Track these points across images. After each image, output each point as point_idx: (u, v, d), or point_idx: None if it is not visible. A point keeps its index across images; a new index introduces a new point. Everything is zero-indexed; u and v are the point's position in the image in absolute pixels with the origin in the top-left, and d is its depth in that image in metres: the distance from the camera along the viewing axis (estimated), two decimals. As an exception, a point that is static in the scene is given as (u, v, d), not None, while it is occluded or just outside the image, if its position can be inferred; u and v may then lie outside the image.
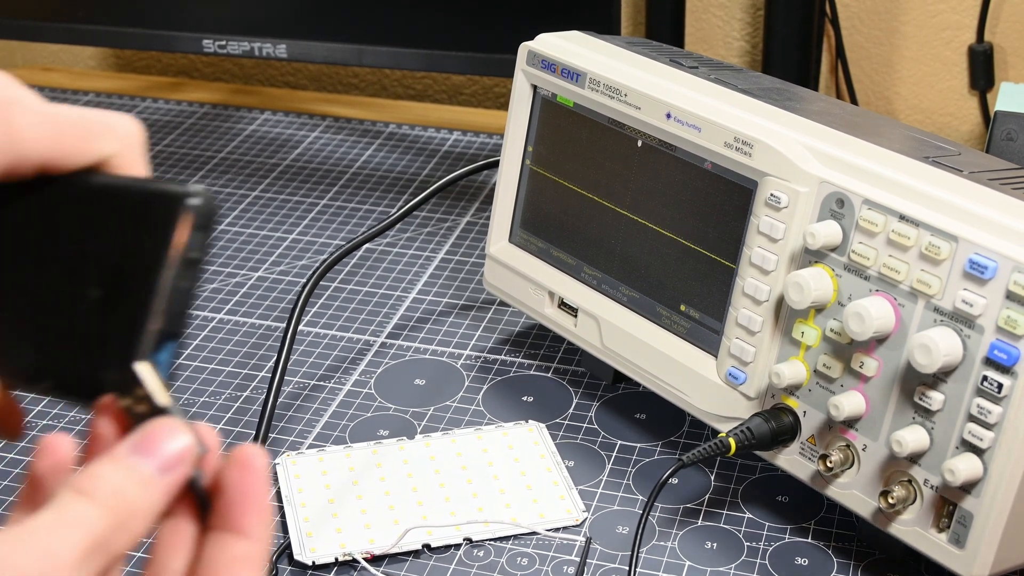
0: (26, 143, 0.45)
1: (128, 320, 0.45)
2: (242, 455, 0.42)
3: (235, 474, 0.41)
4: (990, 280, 0.63)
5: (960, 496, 0.66)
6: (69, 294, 0.46)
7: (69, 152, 0.45)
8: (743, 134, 0.73)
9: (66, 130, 0.45)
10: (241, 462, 0.42)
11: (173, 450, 0.40)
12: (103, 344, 0.45)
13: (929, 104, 1.29)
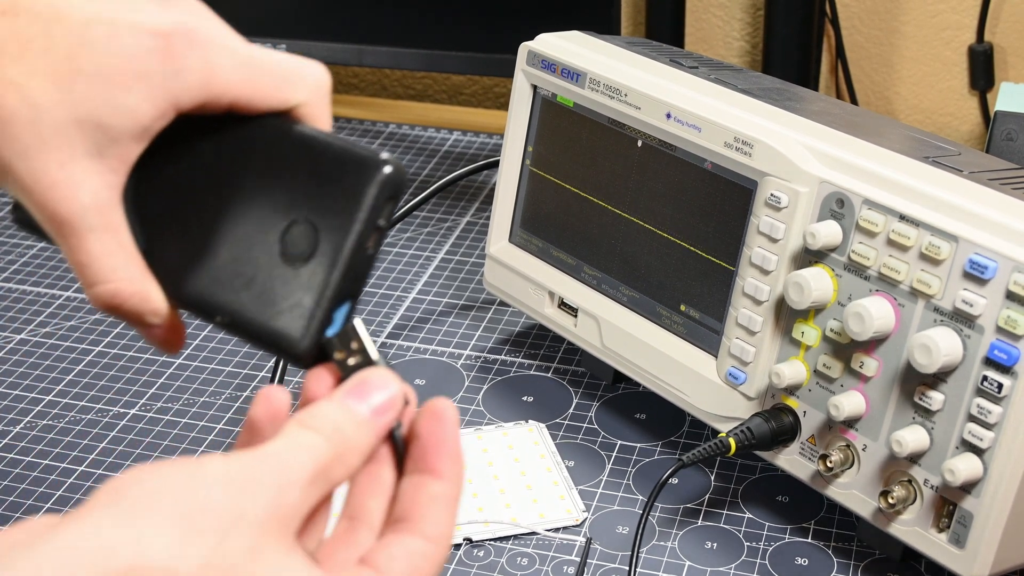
0: (222, 84, 0.47)
1: (314, 277, 0.46)
2: (435, 406, 0.45)
3: (429, 423, 0.44)
4: (990, 280, 0.63)
5: (960, 496, 0.66)
6: (253, 236, 0.47)
7: (261, 97, 0.47)
8: (743, 134, 0.73)
9: (261, 76, 0.47)
10: (434, 412, 0.44)
11: (384, 397, 0.44)
12: (285, 294, 0.46)
13: (929, 104, 1.29)
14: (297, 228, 0.47)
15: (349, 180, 0.46)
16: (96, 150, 0.46)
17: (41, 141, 0.45)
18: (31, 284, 1.04)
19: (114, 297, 0.47)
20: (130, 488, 0.39)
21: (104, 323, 0.98)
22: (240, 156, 0.48)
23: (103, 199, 0.46)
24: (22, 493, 0.80)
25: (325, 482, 0.42)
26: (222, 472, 0.40)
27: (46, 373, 0.92)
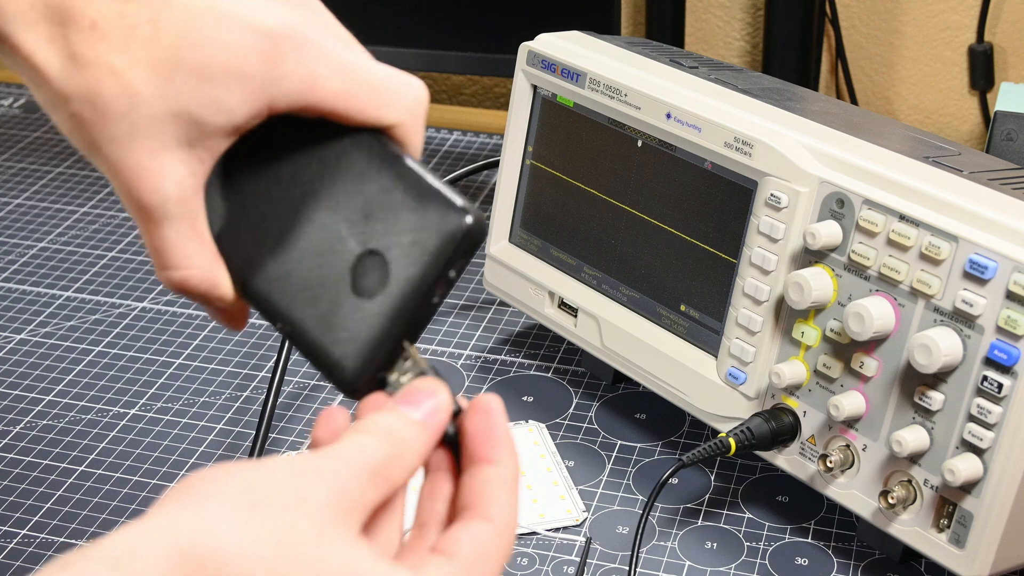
0: (320, 95, 0.47)
1: (378, 315, 0.46)
2: (480, 402, 0.46)
3: (476, 417, 0.46)
4: (990, 280, 0.63)
5: (960, 496, 0.66)
6: (326, 254, 0.47)
7: (357, 113, 0.47)
8: (743, 134, 0.73)
9: (360, 90, 0.47)
10: (480, 407, 0.46)
11: (433, 401, 0.45)
12: (346, 323, 0.46)
13: (929, 104, 1.29)
14: (370, 259, 0.47)
15: (430, 227, 0.46)
16: (186, 142, 0.46)
17: (134, 129, 0.46)
18: (31, 284, 1.04)
19: (184, 282, 0.48)
20: (194, 482, 0.40)
21: (104, 323, 0.98)
22: (328, 167, 0.48)
23: (186, 189, 0.47)
24: (22, 493, 0.80)
25: (384, 480, 0.43)
26: (284, 465, 0.41)
27: (46, 373, 0.92)
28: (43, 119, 1.35)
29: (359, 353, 0.46)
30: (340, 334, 0.46)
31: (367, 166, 0.48)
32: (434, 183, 0.47)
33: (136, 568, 0.37)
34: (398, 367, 0.46)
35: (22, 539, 0.76)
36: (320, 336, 0.47)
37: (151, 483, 0.81)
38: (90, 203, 1.17)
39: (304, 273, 0.48)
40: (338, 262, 0.47)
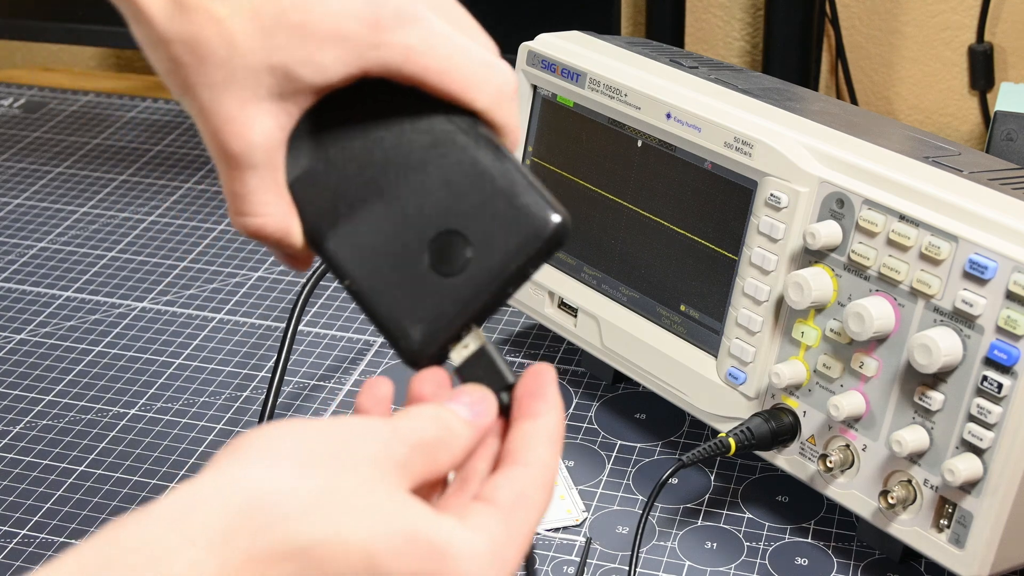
0: (415, 69, 0.48)
1: (454, 295, 0.47)
2: (533, 368, 0.47)
3: (527, 380, 0.47)
4: (990, 280, 0.63)
5: (960, 496, 0.66)
6: (407, 224, 0.48)
7: (447, 92, 0.48)
8: (743, 134, 0.73)
9: (454, 71, 0.48)
10: (532, 372, 0.47)
11: (482, 407, 0.46)
12: (421, 297, 0.47)
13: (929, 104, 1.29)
14: (452, 239, 0.47)
15: (520, 220, 0.47)
16: (278, 95, 0.47)
17: (230, 78, 0.47)
18: (31, 284, 1.04)
19: (259, 230, 0.49)
20: (245, 440, 0.42)
21: (104, 323, 0.98)
22: (419, 138, 0.49)
23: (272, 140, 0.48)
24: (22, 493, 0.80)
25: (429, 458, 0.44)
26: (335, 423, 0.43)
27: (46, 373, 0.92)
28: (43, 119, 1.35)
29: (429, 328, 0.47)
30: (412, 305, 0.47)
31: (462, 146, 0.48)
32: (529, 177, 0.47)
33: (195, 523, 0.39)
34: (461, 344, 0.47)
35: (22, 539, 0.76)
36: (390, 303, 0.48)
37: (151, 483, 0.81)
38: (90, 203, 1.17)
39: (380, 237, 0.48)
40: (418, 234, 0.48)
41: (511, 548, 0.44)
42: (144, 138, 1.30)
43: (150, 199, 1.18)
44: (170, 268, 1.06)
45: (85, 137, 1.30)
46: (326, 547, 0.40)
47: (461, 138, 0.49)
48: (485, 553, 0.43)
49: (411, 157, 0.49)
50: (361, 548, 0.40)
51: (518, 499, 0.44)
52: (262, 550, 0.39)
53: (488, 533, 0.43)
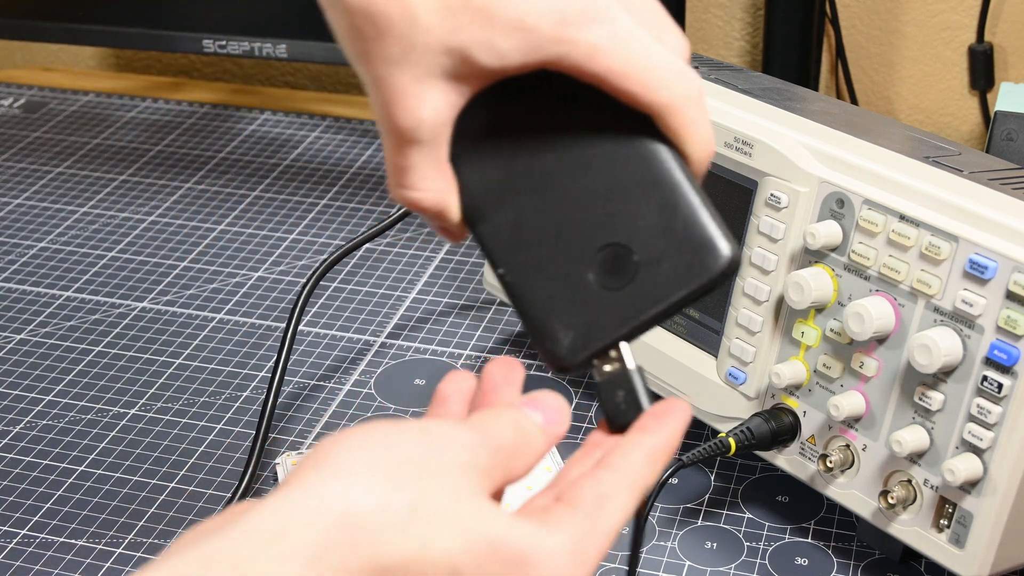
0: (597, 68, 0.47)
1: (614, 310, 0.46)
2: (671, 399, 0.47)
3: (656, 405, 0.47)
4: (990, 280, 0.63)
5: (960, 496, 0.66)
6: (573, 227, 0.47)
7: (625, 93, 0.48)
8: (743, 134, 0.73)
9: (630, 71, 0.47)
10: (668, 401, 0.47)
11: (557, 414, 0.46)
12: (578, 305, 0.47)
13: (929, 104, 1.29)
14: (620, 252, 0.47)
15: (694, 248, 0.46)
16: (452, 75, 0.48)
17: (408, 53, 0.47)
18: (31, 284, 1.04)
19: (416, 203, 0.50)
20: (330, 450, 0.42)
21: (104, 323, 0.98)
22: (602, 141, 0.48)
23: (441, 118, 0.48)
24: (22, 493, 0.80)
25: (507, 463, 0.44)
26: (419, 430, 0.43)
27: (46, 373, 0.92)
28: (43, 119, 1.35)
29: (583, 338, 0.47)
30: (566, 309, 0.47)
31: (645, 158, 0.47)
32: (707, 203, 0.46)
33: (290, 542, 0.39)
34: (608, 359, 0.47)
35: (22, 539, 0.76)
36: (543, 302, 0.47)
37: (151, 483, 0.81)
38: (90, 203, 1.17)
39: (543, 234, 0.48)
40: (585, 239, 0.47)
41: (591, 547, 0.43)
42: (144, 138, 1.30)
43: (150, 199, 1.17)
44: (170, 268, 1.06)
45: (85, 137, 1.30)
46: (414, 563, 0.40)
47: (644, 148, 0.48)
48: (564, 552, 0.43)
49: (589, 158, 0.48)
50: (446, 561, 0.41)
51: (600, 500, 0.44)
52: (354, 568, 0.39)
53: (567, 532, 0.43)
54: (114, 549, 0.76)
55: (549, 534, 0.43)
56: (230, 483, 0.81)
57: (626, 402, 0.47)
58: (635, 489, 0.45)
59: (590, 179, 0.48)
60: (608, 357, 0.47)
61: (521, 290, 0.48)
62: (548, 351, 0.47)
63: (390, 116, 0.48)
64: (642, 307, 0.46)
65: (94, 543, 0.76)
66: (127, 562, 0.74)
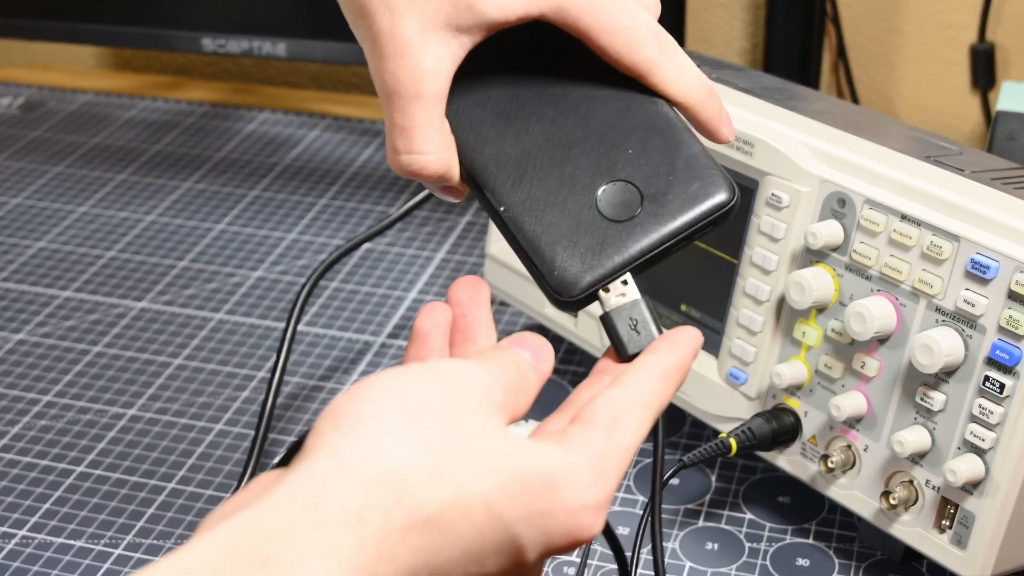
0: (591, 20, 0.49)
1: (619, 241, 0.47)
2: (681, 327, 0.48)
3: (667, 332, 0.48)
4: (992, 280, 0.63)
5: (962, 497, 0.65)
6: (574, 167, 0.48)
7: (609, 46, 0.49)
8: (744, 133, 0.73)
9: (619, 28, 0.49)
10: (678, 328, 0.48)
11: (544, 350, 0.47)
12: (581, 235, 0.47)
13: (930, 103, 1.29)
14: (623, 187, 0.48)
15: (697, 180, 0.48)
16: (456, 24, 0.48)
17: (413, 1, 0.48)
18: (30, 283, 1.03)
19: (421, 169, 0.49)
20: (347, 410, 0.42)
21: (102, 323, 0.98)
22: (595, 88, 0.50)
23: (443, 70, 0.49)
24: (21, 494, 0.80)
25: (514, 403, 0.45)
26: (429, 373, 0.43)
27: (45, 373, 0.92)
28: (42, 118, 1.34)
29: (590, 269, 0.47)
30: (570, 239, 0.47)
31: (642, 107, 0.49)
32: (705, 151, 0.48)
33: (328, 508, 0.39)
34: (614, 292, 0.48)
35: (21, 539, 0.76)
36: (549, 238, 0.48)
37: (150, 483, 0.81)
38: (89, 203, 1.16)
39: (546, 176, 0.48)
40: (589, 180, 0.48)
41: (610, 464, 0.44)
42: (143, 137, 1.30)
43: (149, 199, 1.17)
44: (169, 268, 1.06)
45: (84, 136, 1.30)
46: (450, 510, 0.40)
47: (640, 97, 0.49)
48: (585, 470, 0.43)
49: (586, 107, 0.49)
50: (481, 502, 0.41)
51: (615, 417, 0.44)
52: (395, 525, 0.39)
53: (586, 448, 0.43)
54: (114, 549, 0.75)
55: (567, 454, 0.43)
56: (230, 483, 0.81)
57: (637, 330, 0.47)
58: (650, 407, 0.45)
59: (589, 126, 0.49)
60: (612, 292, 0.48)
61: (523, 226, 0.48)
62: (554, 281, 0.47)
63: (392, 71, 0.48)
64: (648, 234, 0.47)
65: (93, 543, 0.76)
66: (127, 562, 0.74)
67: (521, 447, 0.42)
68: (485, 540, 0.41)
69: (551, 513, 0.42)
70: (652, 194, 0.48)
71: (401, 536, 0.40)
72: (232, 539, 0.38)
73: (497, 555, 0.42)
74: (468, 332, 0.48)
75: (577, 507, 0.43)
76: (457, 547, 0.41)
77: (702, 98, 0.51)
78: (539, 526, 0.42)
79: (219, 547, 0.38)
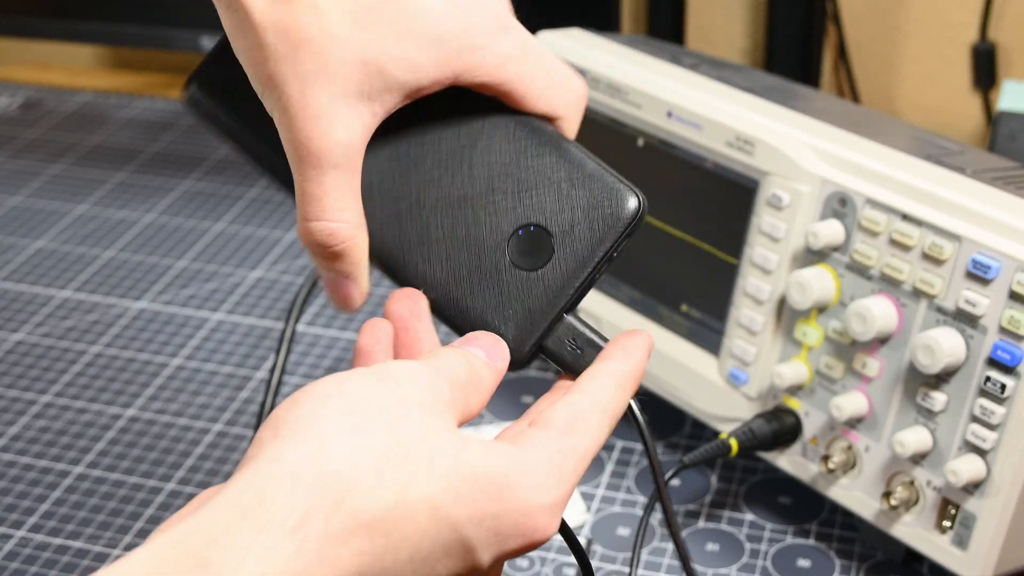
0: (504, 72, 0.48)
1: (545, 289, 0.47)
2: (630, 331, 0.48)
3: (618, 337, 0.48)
4: (993, 280, 0.63)
5: (963, 497, 0.65)
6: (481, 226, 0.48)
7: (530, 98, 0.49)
8: (744, 133, 0.73)
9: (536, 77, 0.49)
10: (627, 332, 0.48)
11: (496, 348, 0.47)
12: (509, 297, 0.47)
13: (932, 103, 1.28)
14: (531, 234, 0.48)
15: (600, 204, 0.48)
16: (367, 92, 0.47)
17: (322, 69, 0.46)
18: (29, 283, 1.03)
19: (330, 236, 0.48)
20: (286, 415, 0.41)
21: (101, 323, 0.98)
22: (485, 141, 0.49)
23: (355, 140, 0.47)
24: (19, 493, 0.80)
25: (465, 400, 0.44)
26: (372, 376, 0.43)
27: (44, 372, 0.92)
28: (41, 117, 1.34)
29: (526, 325, 0.47)
30: (501, 306, 0.47)
31: (530, 144, 0.49)
32: (602, 164, 0.48)
33: (267, 513, 0.38)
34: (556, 333, 0.48)
35: (20, 540, 0.76)
36: (478, 308, 0.48)
37: (149, 483, 0.81)
38: (88, 202, 1.16)
39: (456, 243, 0.48)
40: (497, 233, 0.48)
41: (567, 464, 0.43)
42: (142, 137, 1.30)
43: (148, 198, 1.17)
44: (168, 268, 1.06)
45: (82, 135, 1.30)
46: (394, 513, 0.40)
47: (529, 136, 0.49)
48: (541, 467, 0.43)
49: (476, 159, 0.49)
50: (427, 504, 0.40)
51: (573, 420, 0.44)
52: (336, 529, 0.39)
53: (543, 448, 0.43)
54: (112, 549, 0.75)
55: (522, 452, 0.43)
56: (228, 484, 0.81)
57: (579, 348, 0.48)
58: (608, 412, 0.45)
59: (479, 178, 0.49)
60: (558, 333, 0.48)
61: (453, 306, 0.48)
62: None
63: (303, 140, 0.47)
64: (570, 276, 0.47)
65: (92, 543, 0.76)
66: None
67: (470, 447, 0.42)
68: (432, 543, 0.41)
69: (503, 514, 0.41)
70: (562, 231, 0.47)
71: (343, 540, 0.39)
72: (169, 547, 0.38)
73: (448, 558, 0.41)
74: (412, 347, 0.48)
75: (531, 507, 0.42)
76: (403, 550, 0.40)
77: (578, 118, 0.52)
78: (490, 527, 0.41)
79: (154, 555, 0.38)
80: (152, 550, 0.38)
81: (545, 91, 0.49)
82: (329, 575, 0.39)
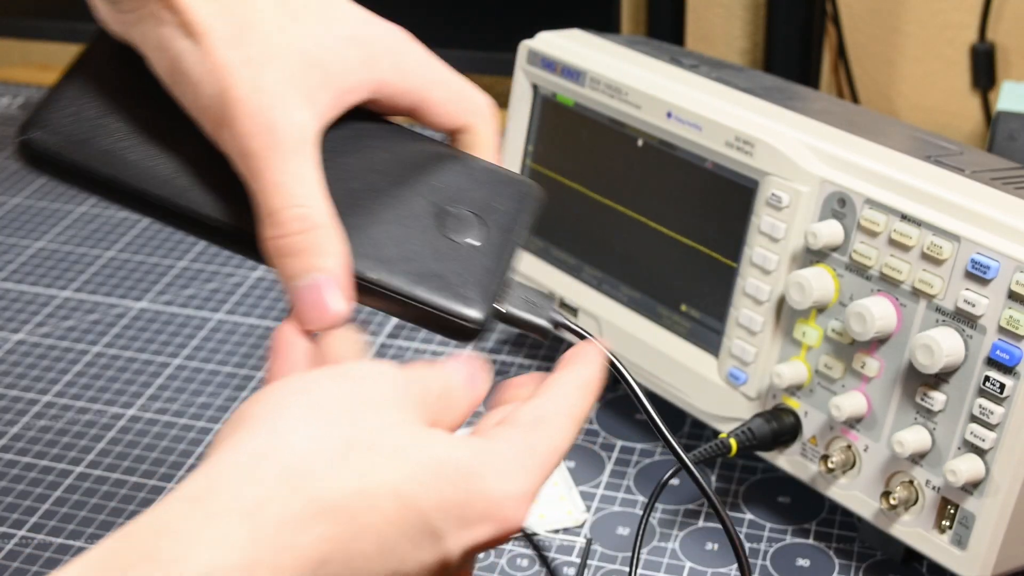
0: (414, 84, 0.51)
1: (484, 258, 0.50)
2: (584, 342, 0.50)
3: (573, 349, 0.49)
4: (992, 280, 0.63)
5: (962, 497, 0.65)
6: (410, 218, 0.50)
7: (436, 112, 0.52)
8: (744, 133, 0.73)
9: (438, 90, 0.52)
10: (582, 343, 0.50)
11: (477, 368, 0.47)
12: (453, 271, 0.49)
13: (931, 103, 1.29)
14: (459, 213, 0.50)
15: (511, 186, 0.52)
16: (310, 86, 0.48)
17: (271, 52, 0.47)
18: (29, 283, 1.03)
19: (303, 220, 0.46)
20: (246, 412, 0.41)
21: (102, 323, 0.98)
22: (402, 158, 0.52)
23: (311, 127, 0.47)
24: (20, 493, 0.80)
25: (435, 410, 0.44)
26: (339, 373, 0.43)
27: (44, 373, 0.92)
28: (42, 118, 1.34)
29: (478, 293, 0.49)
30: (452, 281, 0.49)
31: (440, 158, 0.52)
32: (499, 166, 0.53)
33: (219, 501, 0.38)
34: (508, 294, 0.50)
35: (20, 540, 0.76)
36: (431, 291, 0.48)
37: (149, 483, 0.81)
38: (89, 202, 1.16)
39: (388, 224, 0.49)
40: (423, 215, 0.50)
41: (535, 459, 0.43)
42: (143, 137, 1.30)
43: (149, 198, 1.17)
44: (168, 268, 1.06)
45: (84, 136, 1.30)
46: (356, 499, 0.39)
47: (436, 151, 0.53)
48: (509, 459, 0.43)
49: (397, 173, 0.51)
50: (391, 491, 0.40)
51: (538, 420, 0.45)
52: (296, 514, 0.38)
53: (509, 441, 0.43)
54: (112, 550, 0.75)
55: (490, 442, 0.43)
56: (229, 483, 0.81)
57: (534, 302, 0.51)
58: (572, 416, 0.46)
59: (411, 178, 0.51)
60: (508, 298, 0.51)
61: (413, 294, 0.48)
62: (461, 322, 0.48)
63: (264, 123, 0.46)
64: (505, 241, 0.50)
65: (93, 543, 0.76)
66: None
67: (436, 438, 0.42)
68: (397, 531, 0.40)
69: (470, 503, 0.41)
70: (483, 209, 0.51)
71: (301, 526, 0.38)
72: (119, 541, 0.37)
73: (416, 549, 0.40)
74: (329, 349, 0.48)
75: (499, 496, 0.42)
76: (367, 538, 0.39)
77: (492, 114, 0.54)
78: (458, 516, 0.41)
79: (104, 551, 0.37)
80: (103, 547, 0.37)
81: (454, 98, 0.52)
82: (289, 564, 0.38)
